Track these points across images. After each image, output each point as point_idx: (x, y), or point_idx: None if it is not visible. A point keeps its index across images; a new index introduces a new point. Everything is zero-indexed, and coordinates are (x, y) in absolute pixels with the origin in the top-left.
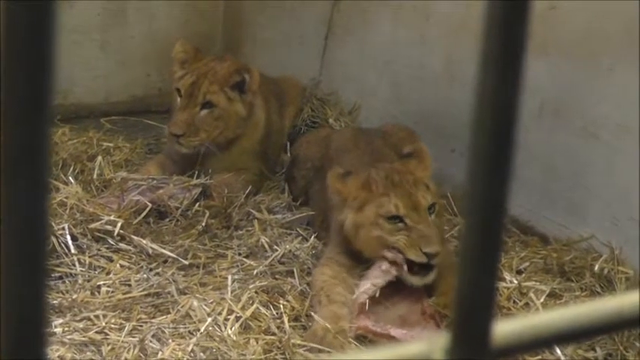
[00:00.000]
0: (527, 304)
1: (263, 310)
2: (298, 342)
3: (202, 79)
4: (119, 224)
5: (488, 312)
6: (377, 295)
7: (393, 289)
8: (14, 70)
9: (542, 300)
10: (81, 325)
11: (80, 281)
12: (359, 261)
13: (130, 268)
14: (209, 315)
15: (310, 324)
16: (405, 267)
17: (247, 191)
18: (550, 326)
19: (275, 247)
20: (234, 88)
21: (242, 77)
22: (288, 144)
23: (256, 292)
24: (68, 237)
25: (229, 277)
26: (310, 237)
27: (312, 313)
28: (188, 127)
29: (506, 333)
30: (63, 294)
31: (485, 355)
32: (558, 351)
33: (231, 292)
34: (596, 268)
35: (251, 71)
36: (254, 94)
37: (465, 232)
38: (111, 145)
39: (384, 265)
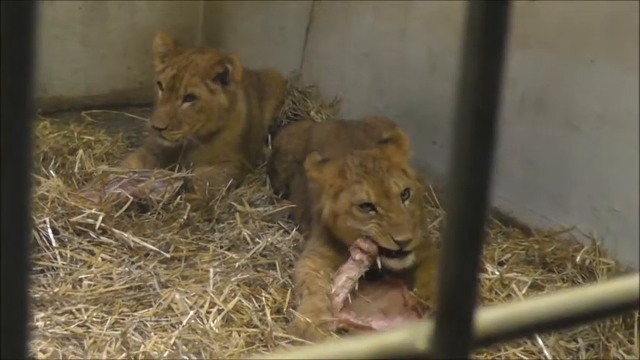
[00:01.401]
0: (509, 295)
1: (245, 302)
2: (280, 334)
3: (183, 72)
4: (100, 217)
5: (472, 300)
6: (356, 288)
7: (374, 282)
8: None
9: (524, 291)
10: (63, 318)
11: (62, 275)
12: (342, 251)
13: (111, 262)
14: (191, 308)
15: (292, 317)
16: (378, 260)
17: (229, 184)
18: (533, 315)
19: (257, 239)
20: (216, 80)
21: (224, 68)
22: (270, 137)
23: (238, 285)
24: (49, 230)
25: (211, 270)
26: (292, 230)
27: (292, 308)
28: (170, 120)
29: (490, 321)
30: (44, 287)
31: (469, 343)
32: (540, 342)
33: (213, 285)
34: (578, 259)
35: (233, 61)
36: (237, 85)
37: (448, 220)
38: (92, 138)
39: (358, 255)
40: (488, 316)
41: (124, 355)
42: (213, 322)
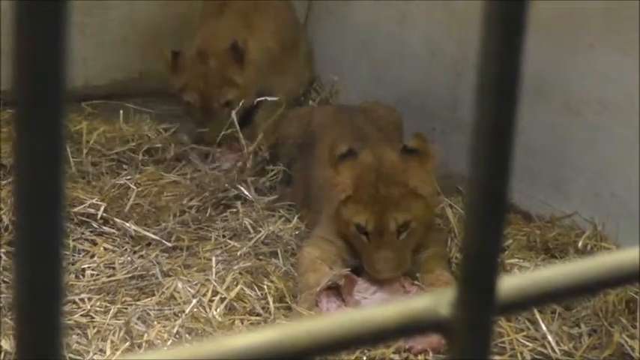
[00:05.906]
0: None
1: (247, 291)
2: (284, 322)
3: (209, 88)
4: (102, 208)
5: (494, 267)
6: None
7: (368, 277)
8: (25, 53)
9: None
10: (66, 308)
11: (64, 265)
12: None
13: (113, 251)
14: (194, 296)
15: (294, 305)
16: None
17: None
18: (554, 282)
19: (258, 228)
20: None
21: (240, 52)
22: None
23: (240, 273)
24: None
25: (213, 258)
26: (293, 218)
27: (293, 296)
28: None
29: (511, 288)
30: None
31: (491, 310)
32: (544, 327)
33: (216, 274)
34: (580, 244)
35: (245, 42)
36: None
37: (471, 187)
38: None
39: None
40: (509, 283)
41: (127, 344)
42: (215, 310)
